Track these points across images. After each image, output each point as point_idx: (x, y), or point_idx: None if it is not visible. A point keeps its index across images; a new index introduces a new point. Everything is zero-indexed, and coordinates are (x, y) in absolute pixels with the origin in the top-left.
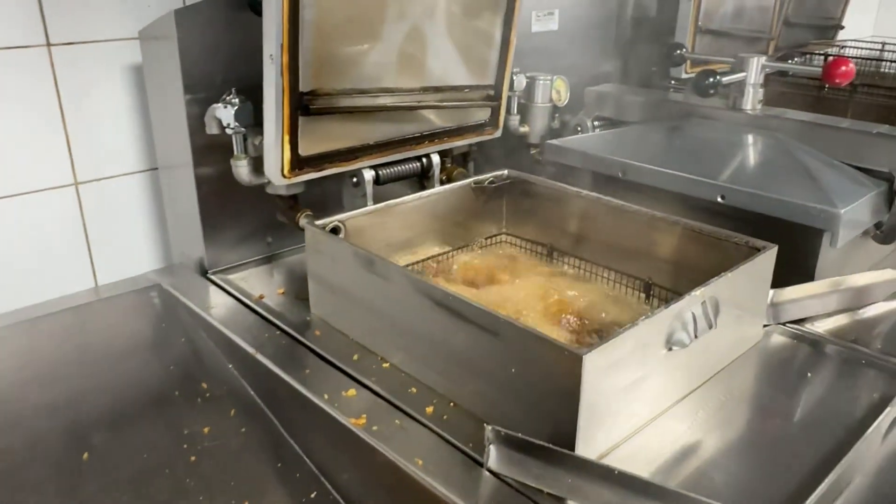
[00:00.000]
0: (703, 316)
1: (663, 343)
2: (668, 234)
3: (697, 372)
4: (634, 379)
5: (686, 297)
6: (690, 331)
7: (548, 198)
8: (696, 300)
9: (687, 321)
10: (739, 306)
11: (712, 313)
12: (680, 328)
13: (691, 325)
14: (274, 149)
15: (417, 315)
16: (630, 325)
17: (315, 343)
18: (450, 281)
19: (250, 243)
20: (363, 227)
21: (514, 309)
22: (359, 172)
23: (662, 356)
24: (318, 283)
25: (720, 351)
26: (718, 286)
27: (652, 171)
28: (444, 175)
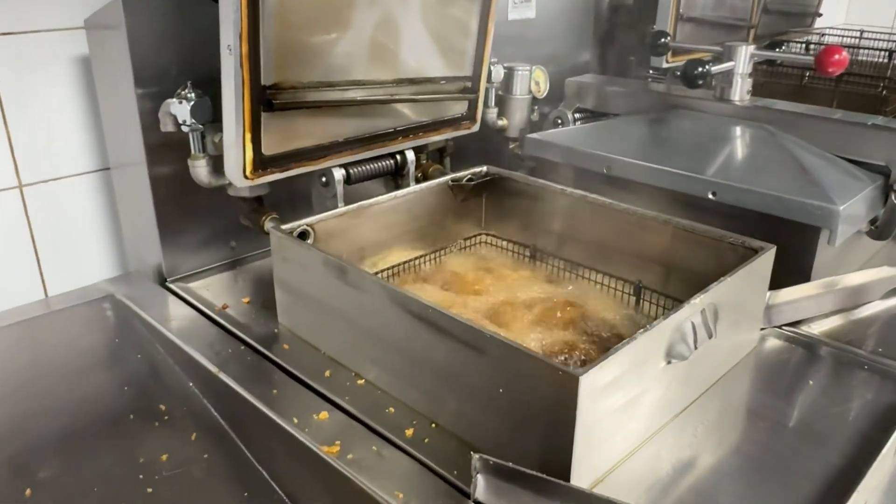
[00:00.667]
0: (703, 325)
1: (662, 356)
2: (658, 234)
3: (695, 384)
4: (632, 396)
5: (686, 305)
6: (690, 342)
7: (529, 196)
8: (696, 308)
9: (686, 332)
10: (738, 312)
11: (712, 321)
12: (680, 339)
13: (691, 335)
14: (234, 148)
15: (394, 328)
16: (628, 339)
17: (283, 358)
18: (428, 286)
19: (212, 248)
20: (334, 230)
21: (497, 316)
22: (328, 172)
23: (660, 370)
24: (286, 293)
25: (717, 360)
26: (718, 292)
27: (638, 166)
28: (420, 172)
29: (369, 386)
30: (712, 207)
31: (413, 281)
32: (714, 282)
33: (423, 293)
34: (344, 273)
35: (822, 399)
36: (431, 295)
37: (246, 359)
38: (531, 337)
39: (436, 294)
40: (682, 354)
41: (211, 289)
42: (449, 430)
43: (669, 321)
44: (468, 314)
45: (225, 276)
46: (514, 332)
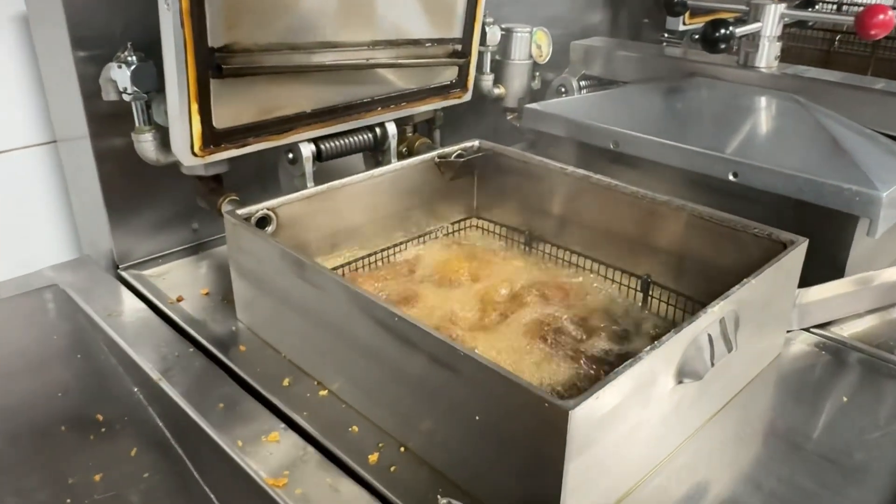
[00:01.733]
0: (722, 336)
1: (672, 377)
2: (670, 222)
3: (709, 401)
4: (634, 424)
5: (702, 314)
6: (706, 357)
7: (526, 175)
8: (714, 317)
9: (702, 346)
10: (762, 315)
11: (733, 331)
12: (694, 356)
13: (707, 350)
14: (179, 121)
15: (357, 335)
16: (632, 360)
17: (238, 363)
18: (407, 278)
19: (171, 231)
20: (300, 215)
21: (482, 314)
22: (295, 147)
23: (669, 391)
24: (244, 287)
25: (736, 372)
26: (741, 297)
27: (650, 142)
28: (405, 147)
29: (332, 398)
30: (733, 191)
31: (391, 272)
32: (735, 283)
33: (401, 286)
34: (302, 268)
35: (858, 419)
36: (409, 288)
37: (194, 364)
38: (519, 345)
39: (416, 287)
40: (697, 373)
41: (168, 277)
42: (420, 457)
43: (683, 335)
44: (449, 311)
45: (185, 262)
46: (501, 336)
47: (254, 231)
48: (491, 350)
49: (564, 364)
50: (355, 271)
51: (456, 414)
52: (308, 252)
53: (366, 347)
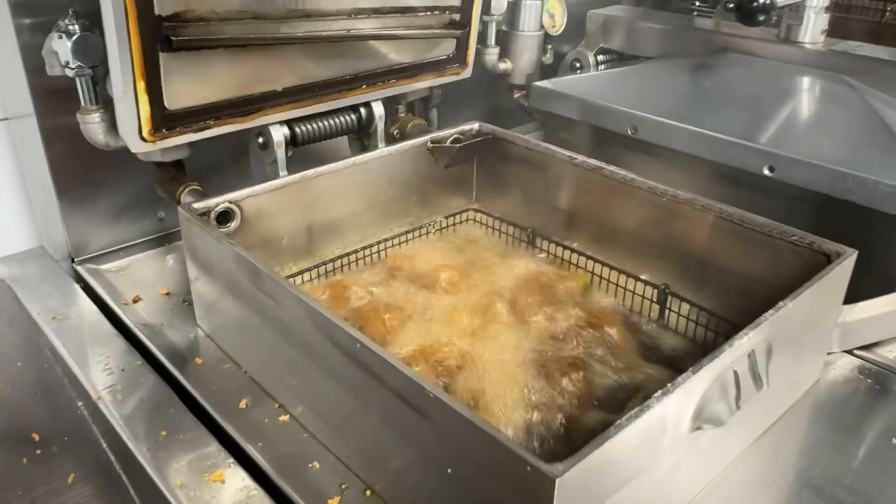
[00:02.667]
0: (750, 372)
1: (688, 423)
2: (693, 224)
3: (731, 442)
4: (638, 481)
5: (726, 349)
6: (731, 399)
7: (531, 163)
8: (742, 351)
9: (727, 385)
10: (799, 341)
11: (763, 365)
12: (717, 398)
13: (732, 390)
14: (124, 101)
15: (318, 359)
16: (637, 409)
17: (191, 379)
18: (394, 283)
19: (133, 220)
20: (269, 208)
21: (472, 324)
22: (265, 131)
23: (685, 439)
24: (202, 291)
25: (765, 405)
26: (775, 322)
27: (673, 128)
28: (397, 129)
29: (294, 426)
30: (769, 188)
31: (376, 274)
32: (768, 299)
33: (386, 290)
34: (257, 276)
35: None
36: (394, 294)
37: (140, 380)
38: (512, 366)
39: (403, 292)
40: (719, 418)
41: (127, 273)
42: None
43: (702, 375)
44: (439, 322)
45: (149, 255)
46: (494, 353)
47: (208, 228)
48: (481, 372)
49: (564, 394)
50: (333, 273)
51: (427, 461)
52: (278, 252)
53: (327, 373)
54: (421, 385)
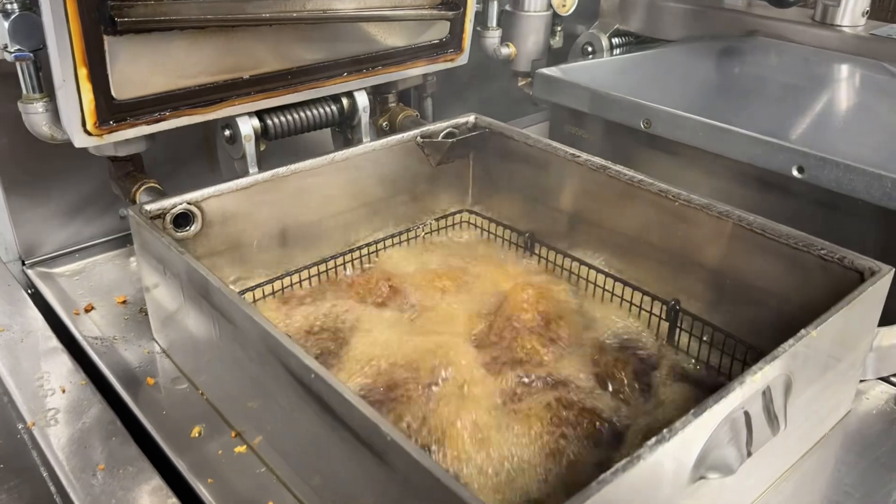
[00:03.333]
0: (765, 412)
1: (690, 474)
2: (710, 232)
3: (747, 489)
4: None
5: (736, 387)
6: (742, 443)
7: (531, 161)
8: (754, 388)
9: (737, 427)
10: (825, 371)
11: (781, 403)
12: (725, 442)
13: (743, 433)
14: (65, 90)
15: (274, 387)
16: (626, 461)
17: (140, 403)
18: (376, 295)
19: (91, 218)
20: (236, 210)
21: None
22: (232, 123)
23: (686, 489)
24: (158, 302)
25: (786, 445)
26: (797, 353)
27: (691, 122)
28: (386, 121)
29: (250, 458)
30: (798, 191)
31: (357, 285)
32: (793, 319)
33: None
34: (207, 293)
35: None
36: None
37: (84, 402)
38: (496, 397)
39: (385, 306)
40: (727, 466)
41: (82, 277)
42: None
43: (706, 418)
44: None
45: (108, 258)
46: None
47: (158, 233)
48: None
49: (553, 430)
50: (309, 283)
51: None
52: (247, 259)
53: (284, 404)
54: (379, 426)
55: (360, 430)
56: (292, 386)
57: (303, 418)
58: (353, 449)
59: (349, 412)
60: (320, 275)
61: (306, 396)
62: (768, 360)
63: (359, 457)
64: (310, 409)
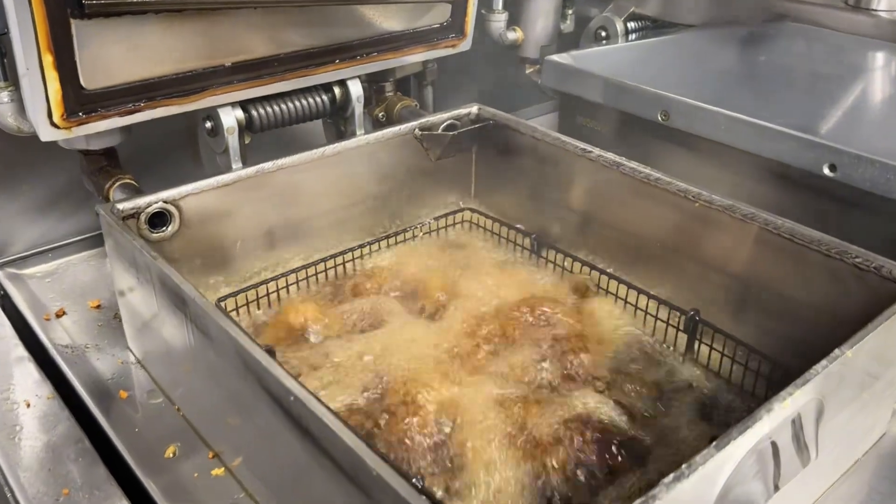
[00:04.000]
0: (794, 442)
1: None
2: (733, 236)
3: None
4: None
5: (764, 415)
6: (769, 478)
7: (539, 157)
8: (783, 416)
9: (764, 459)
10: (860, 392)
11: (811, 432)
12: (750, 476)
13: (771, 466)
14: (29, 78)
15: (255, 408)
16: (641, 501)
17: (111, 419)
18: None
19: (65, 215)
20: (219, 209)
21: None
22: (214, 114)
23: None
24: (132, 308)
25: (817, 473)
26: (829, 378)
27: (713, 114)
28: (382, 111)
29: (228, 482)
30: (829, 191)
31: (347, 291)
32: (825, 333)
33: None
34: (182, 304)
35: None
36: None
37: (51, 418)
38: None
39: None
40: (752, 502)
41: (55, 279)
42: None
43: (729, 453)
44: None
45: (83, 258)
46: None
47: (130, 235)
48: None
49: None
50: (297, 288)
51: None
52: (230, 262)
53: (263, 425)
54: (359, 455)
55: (344, 461)
56: (271, 407)
57: (283, 442)
58: (336, 481)
59: (332, 440)
60: (308, 279)
61: (286, 420)
62: (798, 384)
63: (342, 490)
64: (290, 433)
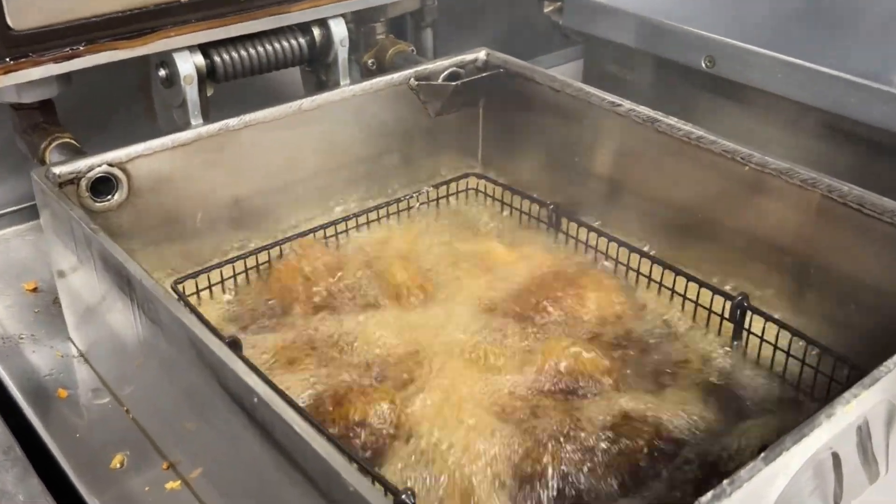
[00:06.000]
0: (860, 453)
1: None
2: (789, 205)
3: None
4: None
5: (823, 420)
6: (829, 496)
7: (559, 111)
8: (847, 422)
9: (824, 473)
10: None
11: (881, 441)
12: (807, 492)
13: (831, 482)
14: None
15: (215, 411)
16: None
17: (47, 422)
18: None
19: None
20: (175, 173)
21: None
22: (168, 59)
23: None
24: (74, 292)
25: (885, 496)
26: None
27: (768, 60)
28: (372, 58)
29: (185, 496)
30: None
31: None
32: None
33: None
34: (128, 282)
35: None
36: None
37: None
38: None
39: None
40: None
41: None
42: None
43: (780, 465)
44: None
45: (17, 232)
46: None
47: (67, 204)
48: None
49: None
50: (266, 265)
51: None
52: (190, 236)
53: (224, 431)
54: (330, 464)
55: (315, 473)
56: (231, 409)
57: (247, 451)
58: (307, 496)
59: (302, 450)
60: (282, 256)
61: (249, 425)
62: (866, 383)
63: None
64: (255, 440)
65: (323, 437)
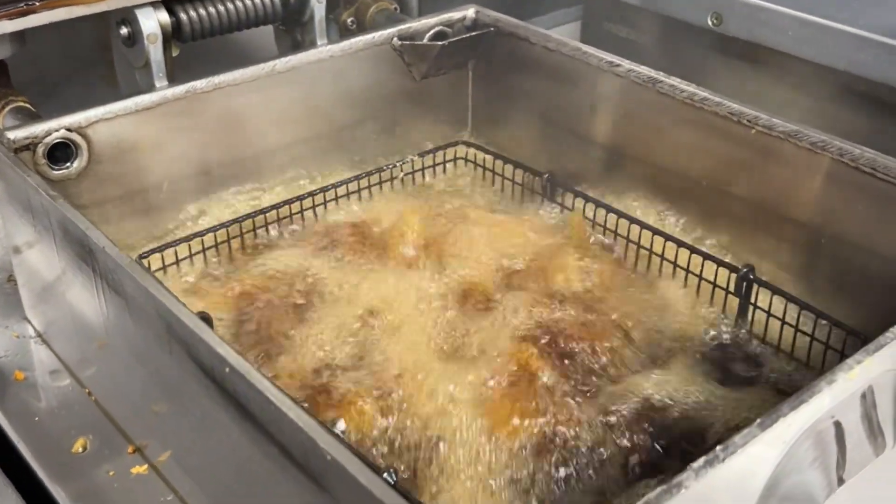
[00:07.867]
0: (865, 423)
1: None
2: (798, 170)
3: None
4: None
5: (824, 387)
6: (831, 467)
7: (554, 73)
8: (851, 388)
9: (824, 444)
10: None
11: (888, 411)
12: (806, 465)
13: (833, 452)
14: None
15: (185, 387)
16: (663, 488)
17: (5, 405)
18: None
19: None
20: (140, 140)
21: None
22: (130, 16)
23: None
24: (30, 268)
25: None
26: None
27: (778, 17)
28: (350, 16)
29: (154, 482)
30: None
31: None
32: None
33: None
34: (91, 253)
35: None
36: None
37: None
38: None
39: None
40: (809, 497)
41: None
42: None
43: (776, 433)
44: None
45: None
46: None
47: (23, 172)
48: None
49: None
50: (241, 242)
51: None
52: (155, 208)
53: (195, 409)
54: (310, 435)
55: (291, 444)
56: (203, 384)
57: (219, 429)
58: (283, 470)
59: (276, 419)
60: (256, 231)
61: (220, 398)
62: (870, 349)
63: (291, 481)
64: (226, 414)
65: (297, 406)
